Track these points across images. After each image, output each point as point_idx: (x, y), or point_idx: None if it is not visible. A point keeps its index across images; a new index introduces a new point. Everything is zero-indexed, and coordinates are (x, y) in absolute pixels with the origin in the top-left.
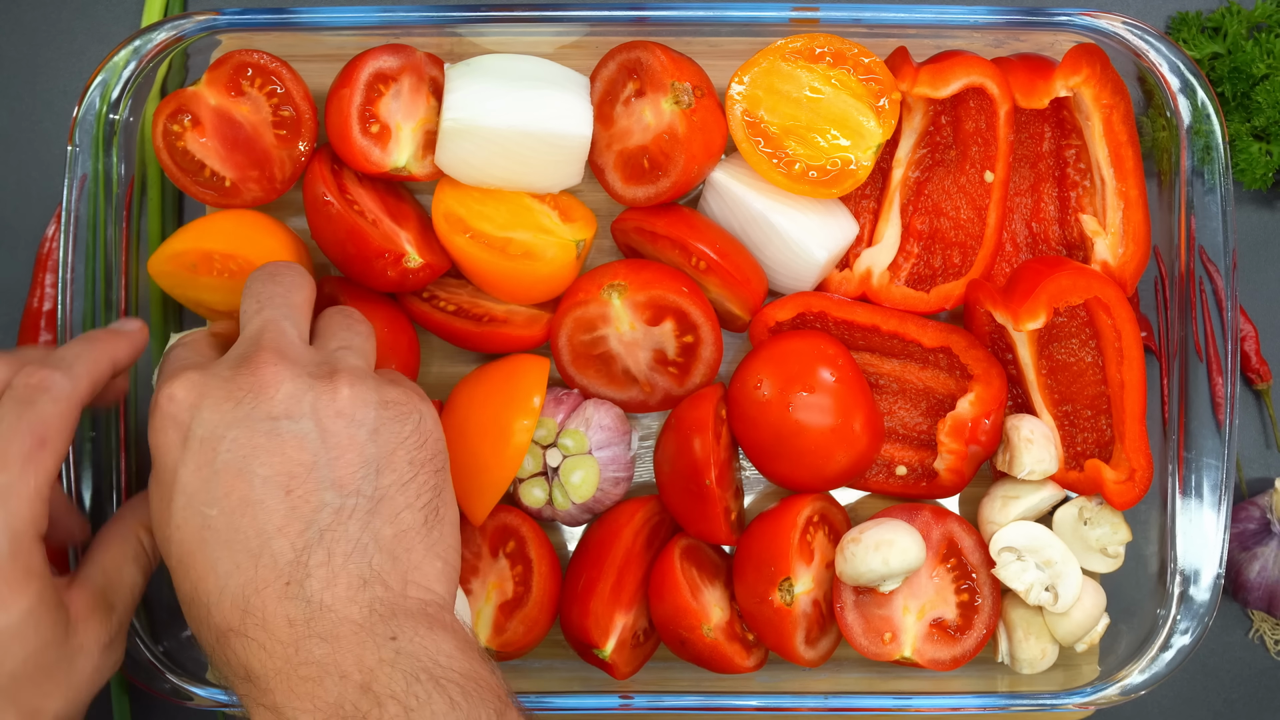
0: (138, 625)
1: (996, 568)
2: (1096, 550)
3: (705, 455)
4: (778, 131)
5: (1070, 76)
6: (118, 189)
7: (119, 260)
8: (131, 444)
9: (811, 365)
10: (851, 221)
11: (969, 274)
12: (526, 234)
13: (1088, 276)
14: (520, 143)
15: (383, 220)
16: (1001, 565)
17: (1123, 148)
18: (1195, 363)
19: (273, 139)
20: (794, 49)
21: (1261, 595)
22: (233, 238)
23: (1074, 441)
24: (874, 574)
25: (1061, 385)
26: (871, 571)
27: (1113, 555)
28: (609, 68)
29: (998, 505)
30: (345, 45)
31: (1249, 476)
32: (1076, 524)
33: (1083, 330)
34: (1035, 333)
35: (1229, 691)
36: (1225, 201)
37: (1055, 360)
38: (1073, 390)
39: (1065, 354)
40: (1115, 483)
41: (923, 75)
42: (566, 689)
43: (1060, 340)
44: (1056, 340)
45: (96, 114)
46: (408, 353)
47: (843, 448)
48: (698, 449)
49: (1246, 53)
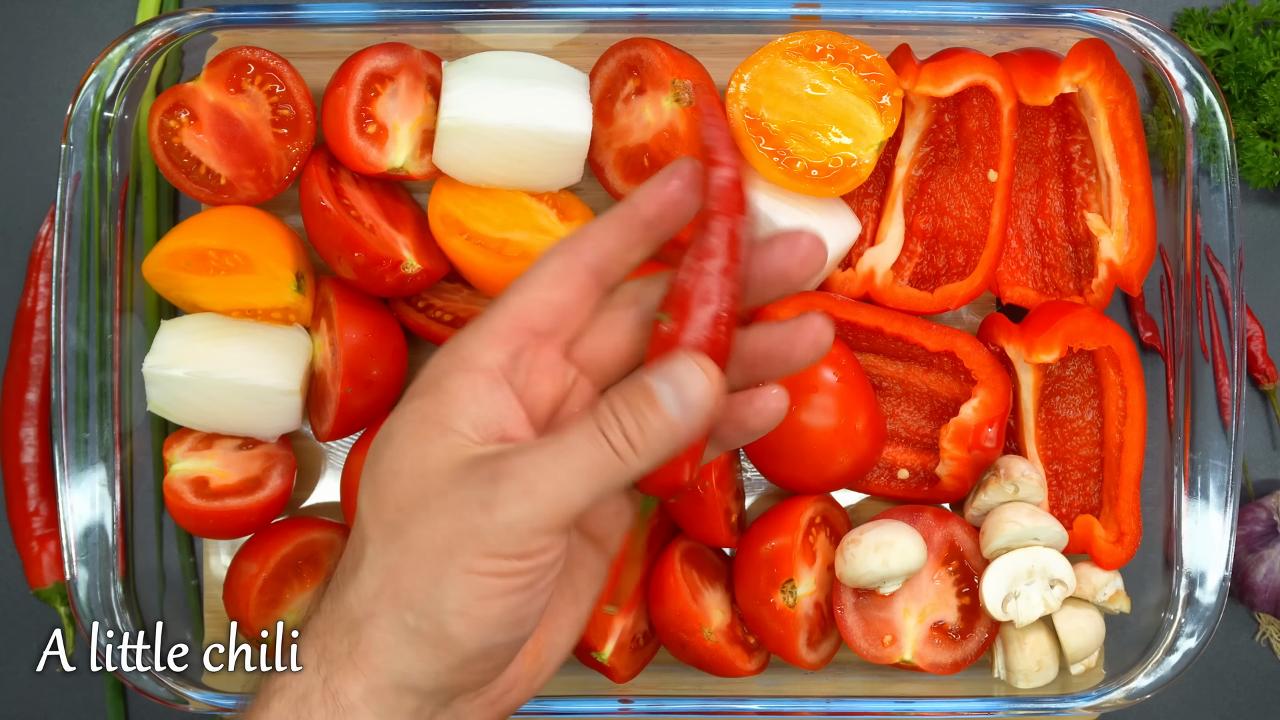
0: (132, 629)
1: (1003, 617)
2: (1090, 600)
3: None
4: (779, 130)
5: (1075, 72)
6: (112, 187)
7: (114, 259)
8: (128, 440)
9: (814, 365)
10: (854, 221)
11: (973, 274)
12: (524, 234)
13: (1106, 325)
14: (519, 141)
15: (380, 225)
16: (1007, 615)
17: (1128, 144)
18: (1201, 363)
19: (271, 137)
20: (795, 46)
21: (1268, 598)
22: (228, 234)
23: (1060, 502)
24: (874, 576)
25: (1056, 441)
26: (871, 573)
27: (1108, 607)
28: (609, 65)
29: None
30: (342, 42)
31: (1256, 478)
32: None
33: (1087, 388)
34: (1040, 380)
35: (1235, 695)
36: (1231, 200)
37: (1054, 414)
38: (1066, 449)
39: (1066, 409)
40: (1105, 542)
41: (925, 73)
42: (565, 693)
43: (1063, 394)
44: (1059, 394)
45: (91, 111)
46: (395, 359)
47: (845, 449)
48: None
49: (1253, 49)
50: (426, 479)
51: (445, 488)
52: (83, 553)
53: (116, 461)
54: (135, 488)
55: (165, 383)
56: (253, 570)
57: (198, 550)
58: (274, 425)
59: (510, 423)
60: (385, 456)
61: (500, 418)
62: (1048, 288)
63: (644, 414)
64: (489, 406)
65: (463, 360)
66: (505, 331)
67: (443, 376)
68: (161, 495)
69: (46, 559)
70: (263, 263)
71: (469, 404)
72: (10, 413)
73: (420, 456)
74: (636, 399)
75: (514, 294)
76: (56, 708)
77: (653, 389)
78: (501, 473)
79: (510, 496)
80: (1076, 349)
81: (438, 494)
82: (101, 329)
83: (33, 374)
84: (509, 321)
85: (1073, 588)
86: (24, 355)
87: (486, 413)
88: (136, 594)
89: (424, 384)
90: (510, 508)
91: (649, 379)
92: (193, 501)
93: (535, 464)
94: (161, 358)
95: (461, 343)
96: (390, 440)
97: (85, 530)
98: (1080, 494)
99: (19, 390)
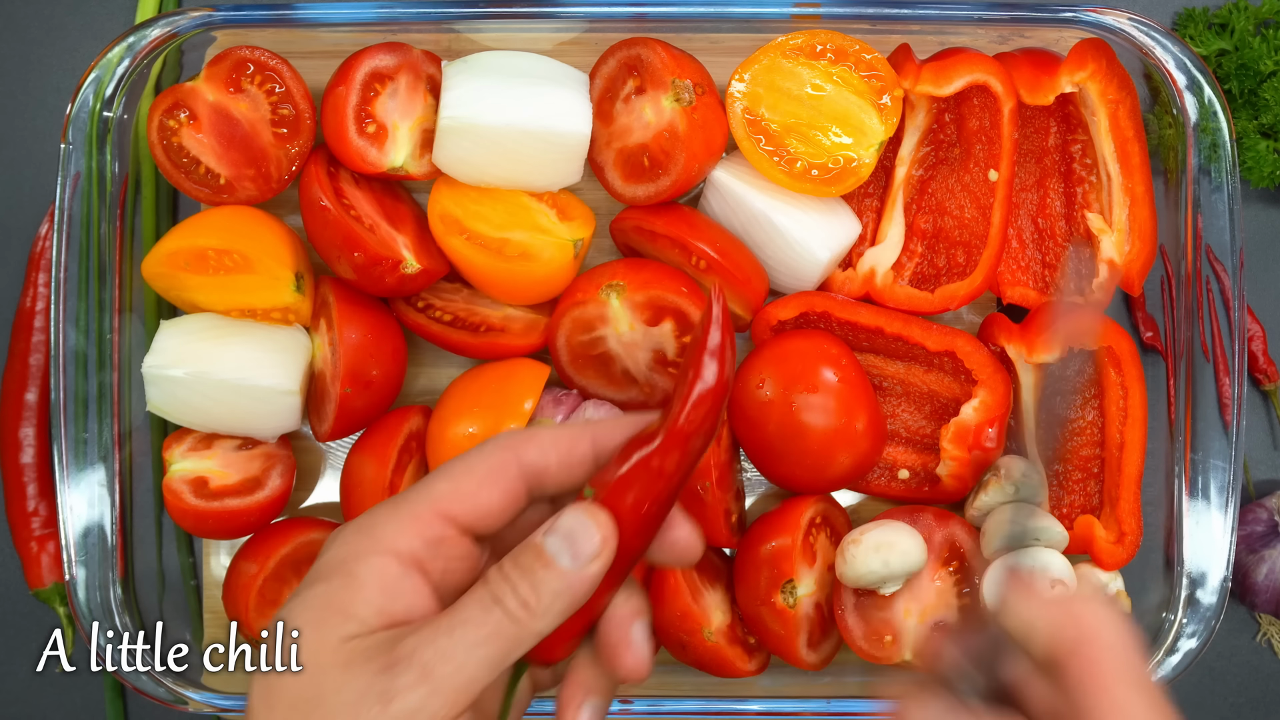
0: (132, 629)
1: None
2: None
3: (705, 457)
4: (779, 129)
5: (1076, 72)
6: (111, 187)
7: (113, 259)
8: (127, 440)
9: (814, 365)
10: (854, 220)
11: (973, 274)
12: (523, 234)
13: (1107, 325)
14: (519, 141)
15: (380, 225)
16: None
17: (1129, 143)
18: (1202, 363)
19: (270, 137)
20: (795, 46)
21: (1269, 598)
22: (228, 234)
23: (1060, 503)
24: (874, 576)
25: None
26: (871, 573)
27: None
28: (609, 65)
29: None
30: (342, 42)
31: (1256, 478)
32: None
33: (1088, 388)
34: (1040, 381)
35: (1235, 696)
36: (1232, 200)
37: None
38: (1067, 449)
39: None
40: (1106, 542)
41: (926, 72)
42: None
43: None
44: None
45: (90, 111)
46: (394, 359)
47: (845, 449)
48: None
49: (1254, 49)
50: (322, 674)
51: (341, 684)
52: (82, 553)
53: (116, 462)
54: (134, 488)
55: (164, 383)
56: (252, 570)
57: (197, 550)
58: (273, 425)
59: (418, 613)
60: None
61: (408, 609)
62: (1048, 288)
63: (536, 572)
64: (397, 596)
65: (375, 543)
66: (426, 518)
67: (352, 559)
68: (161, 495)
69: (46, 559)
70: (262, 263)
71: (376, 593)
72: (9, 413)
73: (316, 649)
74: (527, 559)
75: (442, 480)
76: (56, 708)
77: (542, 545)
78: (397, 660)
79: (406, 685)
80: (1077, 349)
81: (333, 691)
82: (101, 329)
83: (32, 374)
84: (431, 508)
85: (1073, 588)
86: (23, 355)
87: (393, 604)
88: (136, 594)
89: (331, 565)
90: (408, 696)
91: (537, 536)
92: (192, 502)
93: (430, 644)
94: (161, 358)
95: (377, 521)
96: (290, 628)
97: (84, 530)
98: (1081, 494)
99: (18, 390)
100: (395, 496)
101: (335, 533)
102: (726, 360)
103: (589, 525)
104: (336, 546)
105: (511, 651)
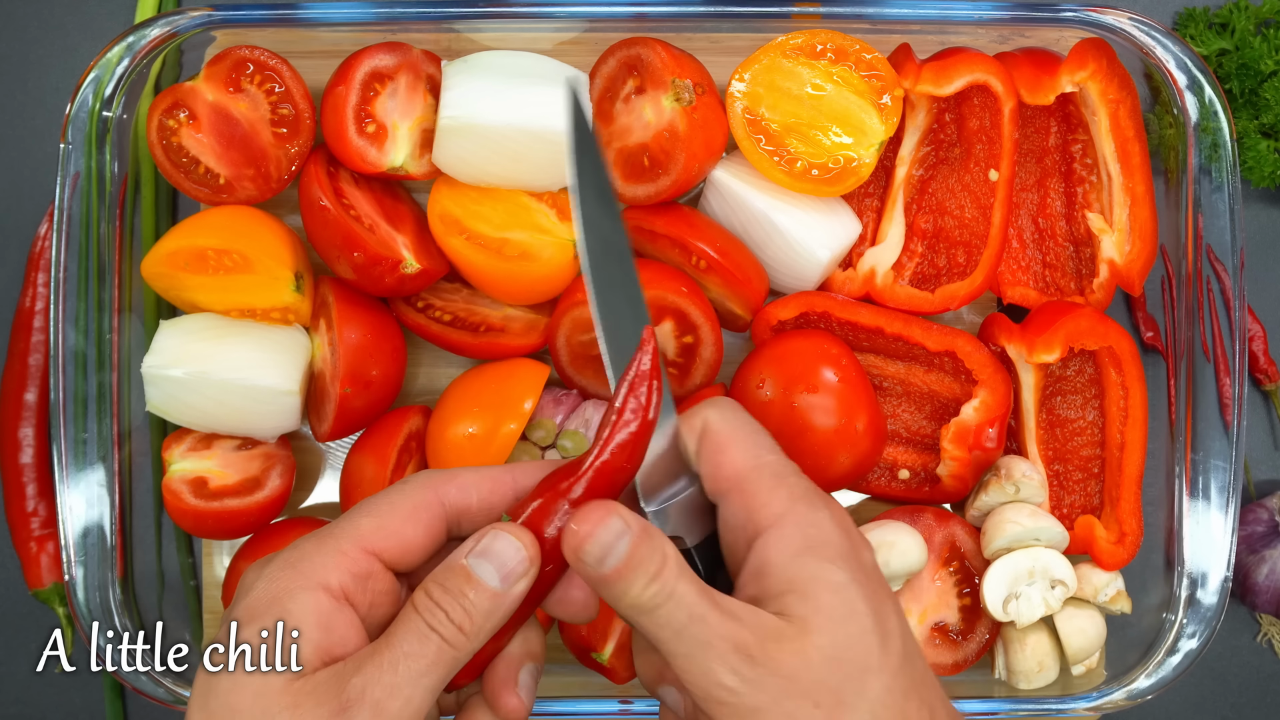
0: (131, 629)
1: (1003, 618)
2: (1091, 601)
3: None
4: (779, 129)
5: (1076, 71)
6: (111, 187)
7: (112, 259)
8: (126, 440)
9: (814, 365)
10: (854, 220)
11: (974, 274)
12: (523, 234)
13: (1108, 325)
14: (519, 140)
15: (379, 225)
16: (1008, 616)
17: (1129, 143)
18: (1203, 363)
19: (270, 137)
20: (795, 45)
21: (1270, 598)
22: (227, 233)
23: (1061, 503)
24: None
25: (1058, 442)
26: None
27: (1109, 608)
28: (609, 64)
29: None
30: (341, 41)
31: (1257, 478)
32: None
33: (1089, 388)
34: (1041, 380)
35: (1236, 696)
36: (1233, 200)
37: (1055, 414)
38: (1067, 449)
39: (1067, 409)
40: (1106, 542)
41: (926, 72)
42: (565, 694)
43: (1064, 394)
44: (1060, 394)
45: (89, 111)
46: (394, 359)
47: (845, 448)
48: None
49: (1255, 49)
50: (269, 717)
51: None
52: (81, 553)
53: (115, 462)
54: (134, 488)
55: (164, 383)
56: None
57: (197, 551)
58: (273, 425)
59: (350, 646)
60: (220, 690)
61: (343, 642)
62: (1049, 287)
63: (466, 595)
64: (332, 631)
65: (305, 578)
66: (353, 554)
67: (285, 596)
68: (160, 496)
69: (45, 559)
70: (262, 262)
71: (313, 629)
72: (9, 413)
73: (260, 692)
74: (455, 581)
75: (367, 515)
76: (55, 709)
77: (469, 567)
78: (349, 702)
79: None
80: (1078, 349)
81: None
82: (100, 329)
83: (31, 374)
84: (356, 544)
85: (1074, 588)
86: (22, 355)
87: (329, 639)
88: (135, 595)
89: (262, 603)
90: None
91: (463, 560)
92: (191, 502)
93: (377, 681)
94: (160, 358)
95: (303, 555)
96: (226, 671)
97: (84, 531)
98: (1081, 494)
99: (17, 390)
100: (316, 532)
101: (255, 569)
102: (650, 401)
103: (514, 543)
104: (264, 584)
105: (448, 676)
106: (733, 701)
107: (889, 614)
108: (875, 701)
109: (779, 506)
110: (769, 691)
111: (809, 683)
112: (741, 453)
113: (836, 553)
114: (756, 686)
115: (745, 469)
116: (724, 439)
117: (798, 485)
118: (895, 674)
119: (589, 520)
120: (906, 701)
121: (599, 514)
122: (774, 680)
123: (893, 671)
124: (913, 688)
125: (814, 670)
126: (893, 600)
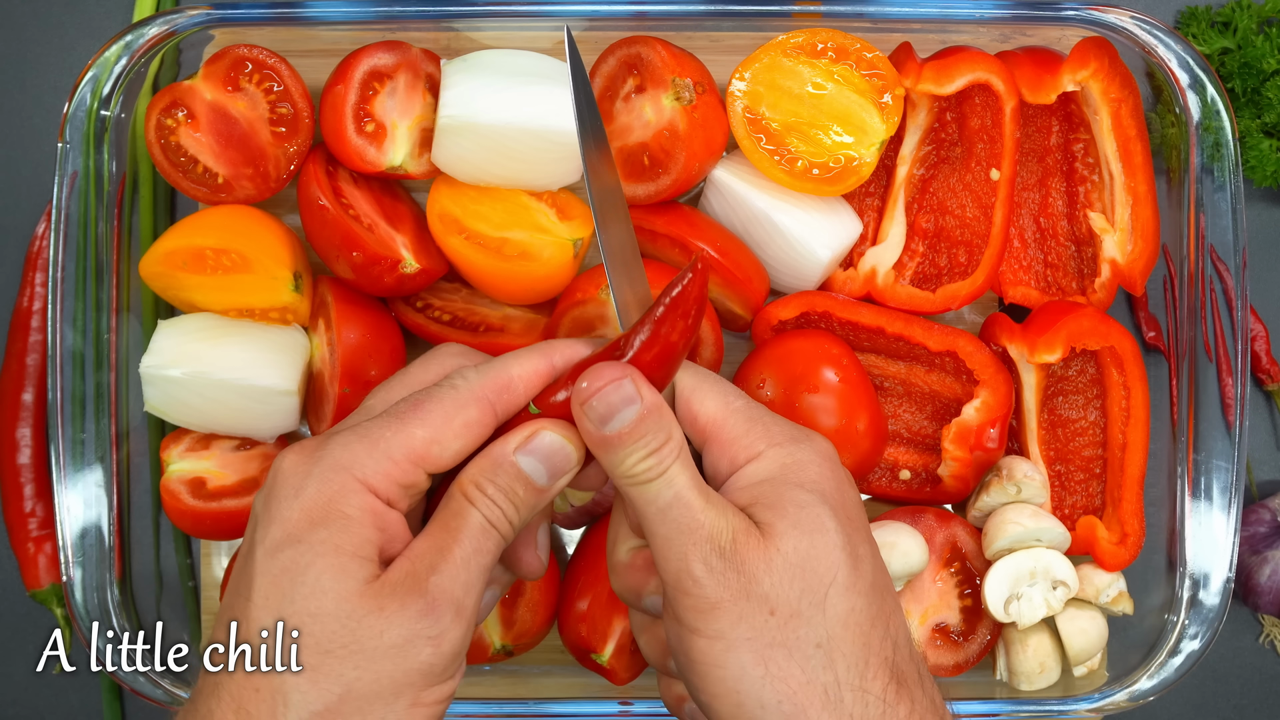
0: (130, 630)
1: (1005, 619)
2: (1094, 602)
3: None
4: (780, 128)
5: (1078, 70)
6: (109, 186)
7: (110, 258)
8: (124, 441)
9: (815, 365)
10: (855, 220)
11: (975, 274)
12: (523, 233)
13: (1109, 325)
14: (518, 139)
15: (378, 224)
16: (1010, 616)
17: (1131, 143)
18: (1205, 363)
19: (269, 136)
20: (796, 44)
21: (1272, 599)
22: (226, 233)
23: (1062, 503)
24: None
25: (1059, 442)
26: None
27: (1110, 609)
28: (609, 63)
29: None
30: (340, 40)
31: (1259, 479)
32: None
33: (1090, 388)
34: (1042, 380)
35: (1239, 697)
36: (1235, 199)
37: (1057, 415)
38: (1069, 450)
39: (1068, 409)
40: (1108, 543)
41: (927, 71)
42: (565, 695)
43: (1065, 395)
44: (1061, 394)
45: (87, 110)
46: (393, 359)
47: (846, 449)
48: None
49: (1257, 48)
50: (356, 621)
51: (380, 629)
52: (79, 554)
53: (113, 462)
54: (132, 488)
55: (162, 383)
56: None
57: (195, 551)
58: (272, 425)
59: (399, 546)
60: (300, 595)
61: (395, 539)
62: (1050, 287)
63: (518, 492)
64: (386, 530)
65: (356, 482)
66: (404, 465)
67: (339, 499)
68: (158, 496)
69: (43, 560)
70: (260, 262)
71: (374, 532)
72: (6, 413)
73: (343, 595)
74: (505, 480)
75: (419, 426)
76: (53, 710)
77: (519, 465)
78: (436, 603)
79: (449, 624)
80: (1079, 349)
81: (373, 635)
82: (98, 329)
83: (29, 374)
84: (407, 455)
85: (1075, 589)
86: (20, 355)
87: (384, 537)
88: (134, 595)
89: (319, 507)
90: (452, 634)
91: (509, 453)
92: (190, 502)
93: (454, 579)
94: (158, 358)
95: (354, 459)
96: (304, 575)
97: (82, 531)
98: (1083, 495)
99: (15, 390)
100: (364, 428)
101: (298, 459)
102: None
103: (566, 447)
104: (318, 484)
105: (495, 564)
106: (696, 593)
107: (861, 541)
108: (835, 620)
109: (758, 445)
110: (730, 589)
111: (768, 586)
112: (711, 400)
113: (811, 480)
114: (720, 582)
115: (718, 414)
116: (692, 389)
117: (774, 426)
118: (863, 597)
119: (601, 378)
120: (871, 628)
121: (612, 373)
122: (736, 578)
123: (861, 594)
124: (880, 616)
125: (774, 574)
126: (869, 537)
